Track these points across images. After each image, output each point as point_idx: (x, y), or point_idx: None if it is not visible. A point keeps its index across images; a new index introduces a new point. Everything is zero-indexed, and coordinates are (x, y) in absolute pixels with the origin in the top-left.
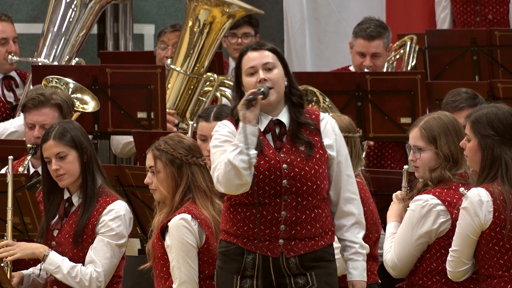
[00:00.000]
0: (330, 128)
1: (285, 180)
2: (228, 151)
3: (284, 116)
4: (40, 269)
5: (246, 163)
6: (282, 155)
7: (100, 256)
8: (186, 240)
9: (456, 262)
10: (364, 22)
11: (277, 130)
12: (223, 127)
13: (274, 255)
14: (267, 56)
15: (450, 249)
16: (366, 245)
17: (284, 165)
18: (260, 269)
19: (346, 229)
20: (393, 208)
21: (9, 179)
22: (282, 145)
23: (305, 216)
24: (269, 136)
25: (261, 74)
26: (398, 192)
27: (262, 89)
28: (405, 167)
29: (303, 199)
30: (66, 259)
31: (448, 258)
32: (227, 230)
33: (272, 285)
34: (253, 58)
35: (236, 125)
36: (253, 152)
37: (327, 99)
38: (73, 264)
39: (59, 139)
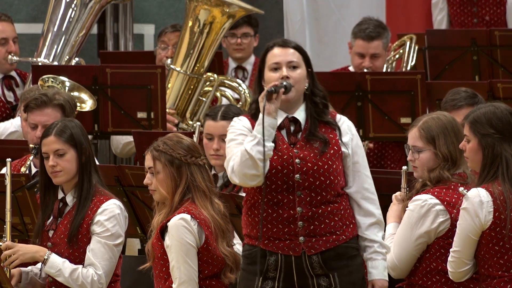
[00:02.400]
0: (346, 128)
1: (297, 175)
2: (246, 141)
3: (300, 114)
4: (41, 270)
5: (263, 154)
6: (295, 151)
7: (99, 258)
8: (186, 240)
9: (457, 262)
10: (363, 22)
11: (292, 127)
12: (239, 122)
13: (296, 253)
14: (293, 55)
15: (451, 249)
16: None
17: (297, 160)
18: (283, 270)
19: (366, 228)
20: (393, 209)
21: (7, 181)
22: (297, 141)
23: (322, 211)
24: (283, 132)
25: (284, 71)
26: (398, 193)
27: (284, 83)
28: (404, 168)
29: (316, 194)
30: (66, 262)
31: (449, 258)
32: (249, 233)
33: (294, 287)
34: (279, 54)
35: (252, 120)
36: (270, 144)
37: None
38: (74, 266)
39: (60, 136)
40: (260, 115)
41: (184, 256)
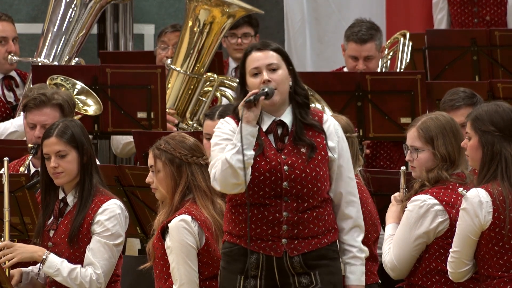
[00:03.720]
0: (333, 130)
1: (285, 182)
2: (226, 149)
3: (287, 117)
4: (39, 270)
5: (242, 163)
6: (283, 157)
7: (99, 257)
8: (186, 241)
9: (457, 263)
10: (355, 25)
11: (279, 131)
12: (225, 125)
13: (277, 254)
14: (272, 57)
15: (450, 250)
16: (366, 248)
17: (285, 167)
18: (264, 269)
19: (345, 233)
20: (392, 210)
21: (5, 180)
22: (284, 146)
23: (307, 216)
24: (271, 137)
25: (265, 75)
26: (397, 194)
27: (266, 90)
28: (403, 168)
29: (303, 201)
30: (65, 261)
31: (449, 259)
32: (230, 231)
33: (276, 285)
34: (257, 58)
35: (238, 122)
36: (250, 152)
37: (311, 92)
38: (73, 266)
39: (61, 137)
40: (240, 124)
41: (185, 257)
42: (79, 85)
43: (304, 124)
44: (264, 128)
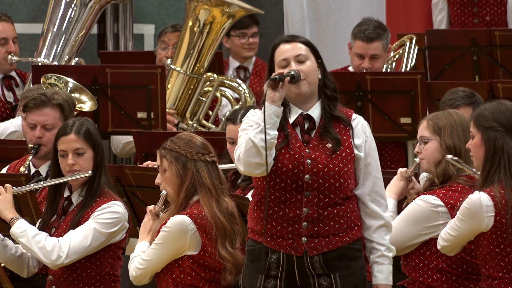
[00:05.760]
0: (361, 129)
1: (307, 175)
2: (250, 129)
3: (315, 111)
4: (3, 239)
5: (265, 142)
6: (307, 150)
7: (75, 232)
8: (174, 239)
9: (450, 246)
10: (363, 23)
11: (306, 125)
12: (254, 114)
13: (297, 253)
14: (300, 48)
15: (447, 230)
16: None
17: (308, 160)
18: (284, 269)
19: (373, 230)
20: (394, 184)
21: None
22: (310, 140)
23: (327, 213)
24: (297, 130)
25: (293, 65)
26: (404, 170)
27: (292, 72)
28: (417, 159)
29: (324, 196)
30: (35, 228)
31: (443, 236)
32: (253, 228)
33: (296, 285)
34: (286, 50)
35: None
36: (274, 132)
37: None
38: (42, 232)
39: (80, 134)
40: (262, 101)
41: (165, 248)
42: (72, 82)
43: (333, 117)
44: (291, 121)
